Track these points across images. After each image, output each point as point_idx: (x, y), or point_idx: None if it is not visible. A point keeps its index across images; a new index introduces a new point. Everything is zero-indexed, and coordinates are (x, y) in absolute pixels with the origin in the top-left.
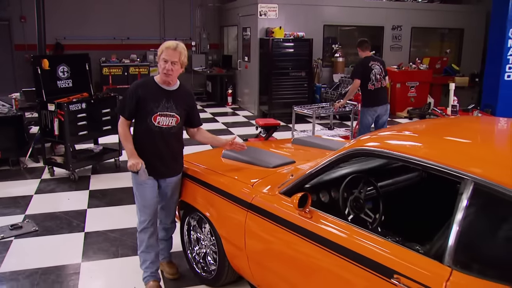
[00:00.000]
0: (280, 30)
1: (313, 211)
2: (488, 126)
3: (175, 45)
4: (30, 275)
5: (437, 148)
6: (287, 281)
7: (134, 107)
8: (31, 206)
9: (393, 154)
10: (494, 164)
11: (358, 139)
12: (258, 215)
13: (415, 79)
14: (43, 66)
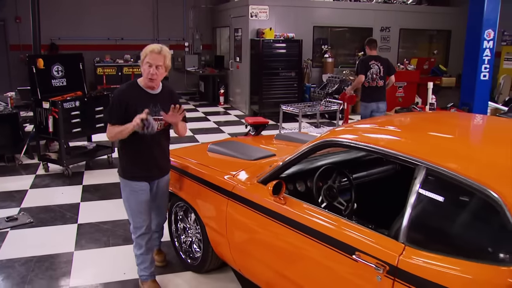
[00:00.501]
0: (270, 31)
1: (287, 198)
2: (448, 120)
3: (159, 49)
4: (25, 263)
5: (396, 138)
6: (264, 263)
7: (123, 115)
8: (26, 199)
9: (358, 144)
10: (444, 152)
11: (329, 131)
12: (238, 202)
13: (403, 80)
14: (38, 66)
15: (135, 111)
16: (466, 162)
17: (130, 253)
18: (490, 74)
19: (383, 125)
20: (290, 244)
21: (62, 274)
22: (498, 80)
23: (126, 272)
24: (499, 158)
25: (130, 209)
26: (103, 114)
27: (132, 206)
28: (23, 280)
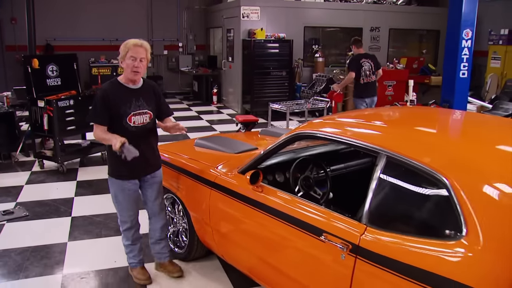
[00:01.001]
0: (261, 32)
1: (263, 186)
2: (417, 113)
3: (140, 42)
4: (21, 252)
5: (362, 129)
6: (244, 248)
7: (107, 113)
8: (22, 194)
9: (327, 135)
10: (403, 141)
11: (303, 124)
12: (220, 192)
13: (392, 78)
14: (33, 65)
15: (118, 108)
16: (421, 150)
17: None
18: (469, 72)
19: (355, 118)
20: (266, 229)
21: (56, 262)
22: (485, 79)
23: (117, 260)
24: (451, 146)
25: (117, 205)
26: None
27: (119, 202)
28: (18, 268)
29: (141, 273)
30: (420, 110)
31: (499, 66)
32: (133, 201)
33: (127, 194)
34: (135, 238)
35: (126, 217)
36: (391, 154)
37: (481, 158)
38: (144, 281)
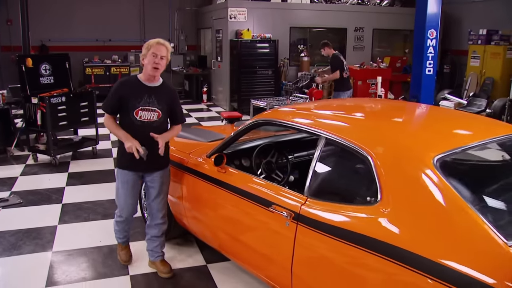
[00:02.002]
0: (248, 32)
1: (227, 168)
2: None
3: (163, 41)
4: (15, 234)
5: (308, 116)
6: (211, 223)
7: (116, 104)
8: (16, 185)
9: (280, 121)
10: (339, 126)
11: (259, 114)
12: (191, 174)
13: (375, 77)
14: (27, 64)
15: (128, 100)
16: (351, 132)
17: (107, 226)
18: (434, 69)
19: (306, 107)
20: (228, 204)
21: (47, 241)
22: (466, 77)
23: (102, 240)
24: (377, 128)
25: (117, 197)
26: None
27: (119, 195)
28: (12, 247)
29: (123, 253)
30: (367, 101)
31: (478, 65)
32: (131, 195)
33: (126, 187)
34: (125, 229)
35: (120, 210)
36: (328, 136)
37: (399, 137)
38: (124, 262)
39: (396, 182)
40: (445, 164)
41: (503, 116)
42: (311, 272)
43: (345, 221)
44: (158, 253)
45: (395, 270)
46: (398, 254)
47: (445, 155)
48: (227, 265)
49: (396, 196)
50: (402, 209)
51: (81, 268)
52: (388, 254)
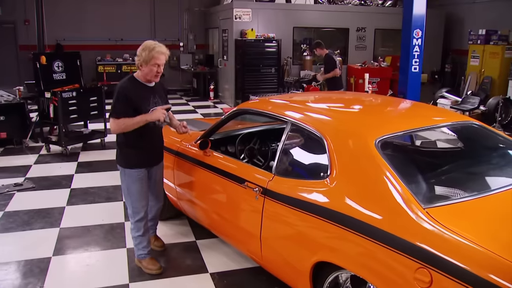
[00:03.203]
0: (252, 32)
1: (211, 152)
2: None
3: (164, 50)
4: (27, 213)
5: (279, 106)
6: (197, 201)
7: (130, 108)
8: (30, 172)
9: (255, 110)
10: (302, 113)
11: (239, 104)
12: (181, 158)
13: (376, 76)
14: (41, 62)
15: (138, 105)
16: (312, 119)
17: (110, 208)
18: (420, 67)
19: (281, 98)
20: (211, 183)
21: (55, 220)
22: (466, 76)
23: (104, 219)
24: (334, 116)
25: (130, 196)
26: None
27: (132, 194)
28: (25, 223)
29: (151, 263)
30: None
31: (477, 64)
32: (145, 192)
33: (139, 185)
34: (146, 229)
35: (139, 207)
36: (293, 122)
37: (350, 123)
38: (156, 271)
39: (343, 160)
40: (386, 144)
41: (497, 113)
42: (275, 238)
43: (302, 193)
44: (153, 230)
45: (340, 231)
46: (341, 218)
47: (387, 137)
48: (214, 241)
49: (342, 172)
50: (346, 182)
51: (84, 241)
52: (334, 219)
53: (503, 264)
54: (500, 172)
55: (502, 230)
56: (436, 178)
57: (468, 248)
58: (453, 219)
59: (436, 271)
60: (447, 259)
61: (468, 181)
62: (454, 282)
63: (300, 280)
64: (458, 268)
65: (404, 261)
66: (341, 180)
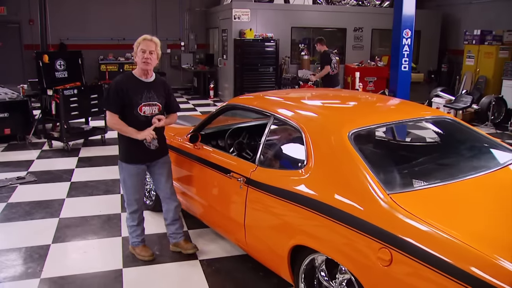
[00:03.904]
0: (250, 32)
1: (201, 145)
2: (315, 93)
3: (150, 37)
4: (29, 204)
5: (264, 101)
6: (189, 192)
7: (119, 102)
8: (32, 166)
9: (241, 105)
10: (283, 107)
11: (228, 100)
12: (173, 151)
13: (373, 75)
14: (44, 60)
15: (130, 98)
16: (292, 113)
17: (108, 200)
18: (409, 66)
19: (268, 94)
20: (201, 174)
21: (55, 210)
22: (462, 76)
23: (102, 210)
24: (312, 110)
25: (125, 189)
26: (101, 102)
27: (128, 187)
28: (27, 213)
29: (144, 250)
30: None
31: (473, 64)
32: (140, 186)
33: (135, 179)
34: (140, 220)
35: (132, 200)
36: (276, 116)
37: (327, 117)
38: (148, 257)
39: (319, 151)
40: (358, 137)
41: (489, 112)
42: (257, 225)
43: (281, 182)
44: (181, 234)
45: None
46: (314, 204)
47: (359, 130)
48: (205, 231)
49: (318, 162)
50: (320, 171)
51: (82, 230)
52: (309, 205)
53: (454, 243)
54: (465, 162)
55: (457, 213)
56: (403, 167)
57: (423, 229)
58: (413, 204)
59: (395, 251)
60: (405, 239)
61: (433, 171)
62: (411, 260)
63: (281, 264)
64: (414, 247)
65: (368, 242)
66: (316, 169)
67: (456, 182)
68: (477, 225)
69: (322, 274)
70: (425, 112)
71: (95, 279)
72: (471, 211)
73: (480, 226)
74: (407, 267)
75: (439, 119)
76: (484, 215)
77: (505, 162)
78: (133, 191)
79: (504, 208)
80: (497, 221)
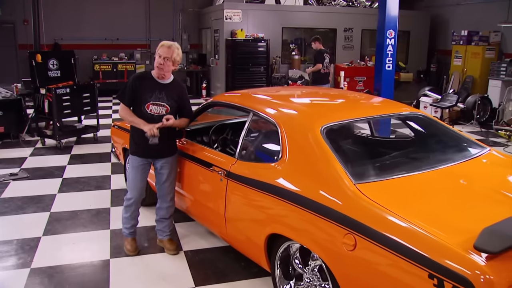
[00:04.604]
0: (241, 32)
1: (187, 141)
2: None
3: (169, 44)
4: (21, 199)
5: (244, 98)
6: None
7: (131, 95)
8: (25, 163)
9: (224, 102)
10: (262, 104)
11: (212, 97)
12: None
13: (363, 74)
14: (37, 60)
15: (141, 94)
16: (270, 109)
17: (97, 195)
18: (393, 65)
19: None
20: (186, 169)
21: (46, 205)
22: (450, 76)
23: (92, 205)
24: (289, 106)
25: (128, 182)
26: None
27: (129, 179)
28: (19, 208)
29: (130, 244)
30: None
31: (460, 64)
32: (139, 180)
33: (136, 172)
34: (134, 216)
35: (130, 194)
36: (254, 112)
37: (301, 113)
38: (131, 252)
39: (293, 144)
40: (330, 131)
41: (474, 111)
42: (236, 216)
43: (257, 174)
44: (166, 233)
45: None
46: (287, 194)
47: (331, 125)
48: (191, 224)
49: (292, 154)
50: (294, 163)
51: (72, 224)
52: (282, 195)
53: (410, 228)
54: (432, 155)
55: (416, 201)
56: (373, 160)
57: (384, 216)
58: (377, 193)
59: (359, 236)
60: (367, 225)
61: (401, 163)
62: (373, 244)
63: (259, 253)
64: (375, 232)
65: (335, 229)
66: (290, 162)
67: (420, 173)
68: (433, 211)
69: (296, 262)
70: (398, 109)
71: (82, 268)
72: (430, 199)
73: (436, 212)
74: (369, 251)
75: (411, 115)
76: (441, 202)
77: (470, 155)
78: (131, 184)
79: (460, 196)
80: (452, 208)
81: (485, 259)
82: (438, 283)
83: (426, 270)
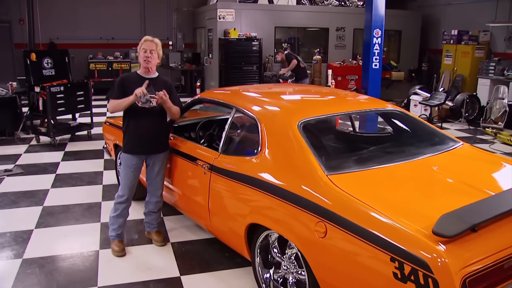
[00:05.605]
0: (234, 31)
1: (175, 136)
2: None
3: (151, 38)
4: (15, 194)
5: (228, 95)
6: None
7: (121, 93)
8: (20, 159)
9: (209, 99)
10: (244, 100)
11: (199, 94)
12: None
13: (354, 73)
14: (31, 58)
15: (131, 90)
16: (251, 105)
17: (89, 190)
18: (380, 64)
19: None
20: (173, 163)
21: (39, 199)
22: (440, 74)
23: (83, 199)
24: (268, 102)
25: (120, 180)
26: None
27: (122, 177)
28: (13, 202)
29: (117, 245)
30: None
31: (450, 63)
32: (131, 179)
33: (128, 170)
34: (122, 214)
35: (121, 191)
36: (237, 108)
37: (280, 108)
38: (118, 253)
39: (271, 138)
40: (307, 126)
41: (463, 109)
42: (219, 207)
43: (238, 167)
44: (154, 225)
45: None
46: (264, 185)
47: (308, 120)
48: (179, 217)
49: (270, 148)
50: (272, 156)
51: (64, 217)
52: (259, 186)
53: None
54: (407, 149)
55: (384, 191)
56: (348, 154)
57: (352, 204)
58: (348, 183)
59: (329, 223)
60: (337, 213)
61: (375, 157)
62: (342, 232)
63: (240, 242)
64: (344, 219)
65: (308, 217)
66: (268, 155)
67: (391, 166)
68: (398, 200)
69: (275, 251)
70: (376, 105)
71: (73, 259)
72: (397, 189)
73: (402, 201)
74: (339, 238)
75: (388, 111)
76: (408, 192)
77: (443, 149)
78: (123, 183)
79: (427, 186)
80: (418, 197)
81: (443, 244)
82: (399, 266)
83: (388, 254)
